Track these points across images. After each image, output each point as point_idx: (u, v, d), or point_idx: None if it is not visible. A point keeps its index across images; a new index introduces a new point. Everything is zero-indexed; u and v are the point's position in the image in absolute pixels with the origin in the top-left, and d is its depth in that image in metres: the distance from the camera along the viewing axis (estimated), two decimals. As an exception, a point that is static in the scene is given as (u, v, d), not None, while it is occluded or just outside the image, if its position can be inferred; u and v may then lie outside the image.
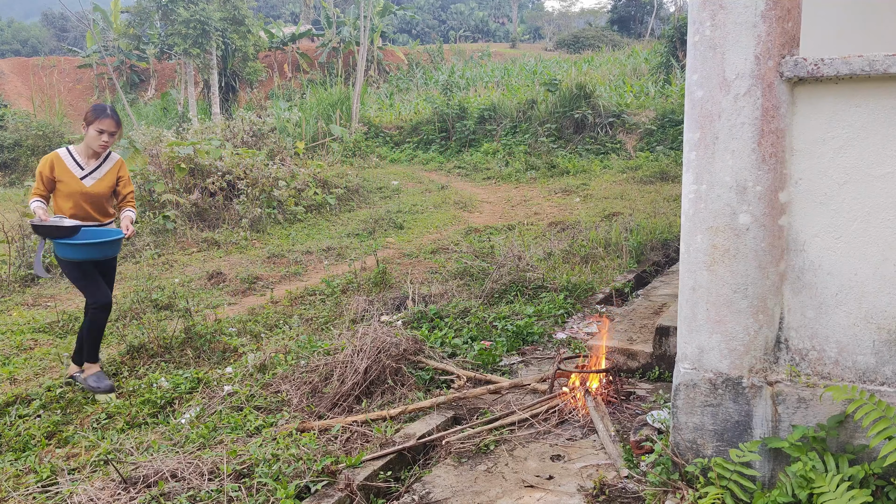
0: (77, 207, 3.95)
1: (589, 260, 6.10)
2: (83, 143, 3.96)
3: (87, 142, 3.93)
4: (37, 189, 3.90)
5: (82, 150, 3.96)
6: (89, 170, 3.98)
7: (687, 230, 2.35)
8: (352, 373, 3.55)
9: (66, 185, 3.90)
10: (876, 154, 2.10)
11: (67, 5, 20.15)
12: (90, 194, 3.97)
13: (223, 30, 20.06)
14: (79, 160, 3.96)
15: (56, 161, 3.92)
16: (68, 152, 3.98)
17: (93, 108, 3.94)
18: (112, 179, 4.05)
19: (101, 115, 3.88)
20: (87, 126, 3.89)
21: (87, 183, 3.95)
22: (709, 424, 2.39)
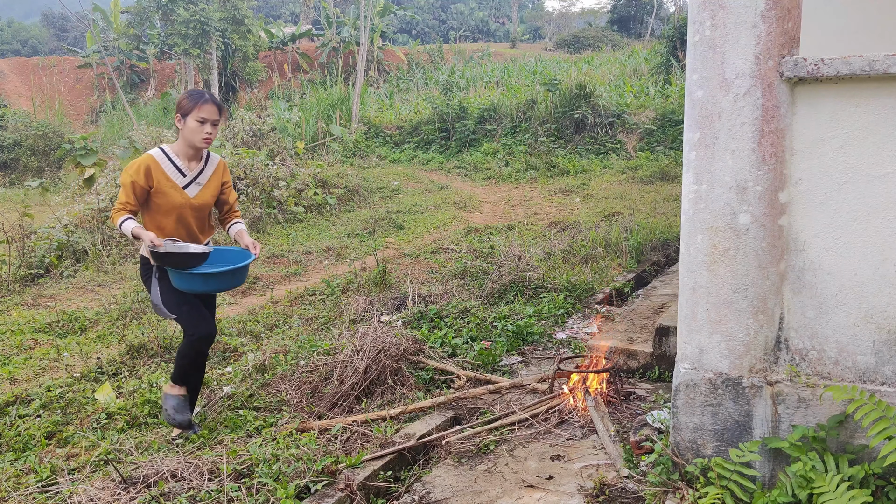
0: (180, 226, 3.15)
1: (589, 260, 6.10)
2: (179, 142, 3.13)
3: (185, 138, 3.09)
4: (124, 203, 3.03)
5: (180, 149, 3.14)
6: (192, 176, 3.15)
7: (687, 230, 2.35)
8: (352, 373, 3.55)
9: (167, 198, 3.08)
10: (876, 154, 2.10)
11: (67, 5, 20.15)
12: (196, 207, 3.16)
13: (223, 30, 20.06)
14: (179, 163, 3.12)
15: (153, 166, 3.05)
16: (164, 154, 3.13)
17: (188, 94, 3.12)
18: (216, 186, 3.25)
19: (200, 100, 3.05)
20: (184, 117, 3.07)
21: (190, 193, 3.13)
22: (709, 424, 2.39)
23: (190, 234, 3.20)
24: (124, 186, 3.05)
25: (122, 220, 3.00)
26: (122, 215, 3.02)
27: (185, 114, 3.07)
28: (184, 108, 3.07)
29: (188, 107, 3.06)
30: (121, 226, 3.00)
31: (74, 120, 24.05)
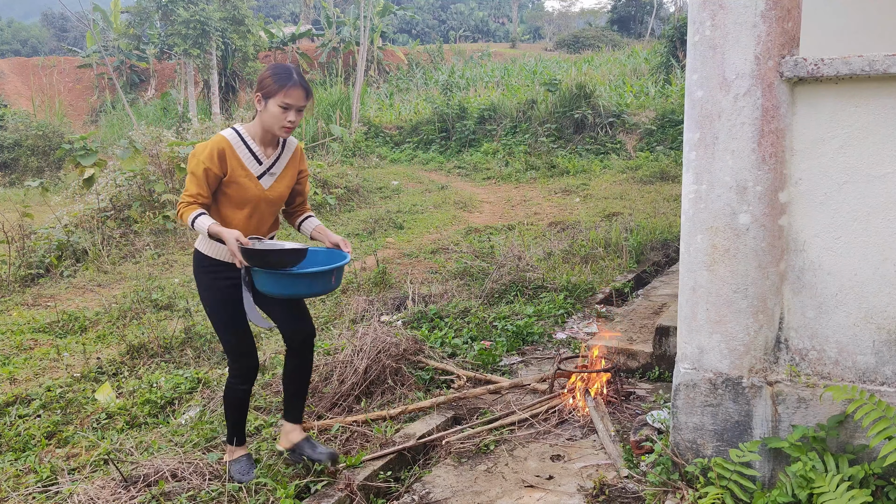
0: (250, 223, 2.70)
1: (589, 260, 6.10)
2: (256, 123, 2.64)
3: (264, 122, 2.60)
4: (194, 195, 2.56)
5: (256, 132, 2.66)
6: (268, 164, 2.69)
7: (687, 230, 2.35)
8: (352, 373, 3.55)
9: (240, 190, 2.63)
10: (876, 154, 2.10)
11: (67, 5, 20.15)
12: (270, 201, 2.72)
13: (223, 30, 20.06)
14: (255, 149, 2.66)
15: (228, 150, 2.59)
16: (239, 136, 2.64)
17: (273, 72, 2.58)
18: (293, 176, 2.79)
19: (287, 83, 2.55)
20: (265, 99, 2.57)
21: (265, 184, 2.68)
22: (709, 424, 2.39)
23: (259, 232, 2.77)
24: (194, 175, 2.57)
25: (195, 217, 2.53)
26: (194, 210, 2.54)
27: (267, 95, 2.57)
28: (266, 89, 2.57)
29: (272, 88, 2.56)
30: (193, 223, 2.53)
31: (74, 120, 24.05)
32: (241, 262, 2.48)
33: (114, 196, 8.92)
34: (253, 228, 2.72)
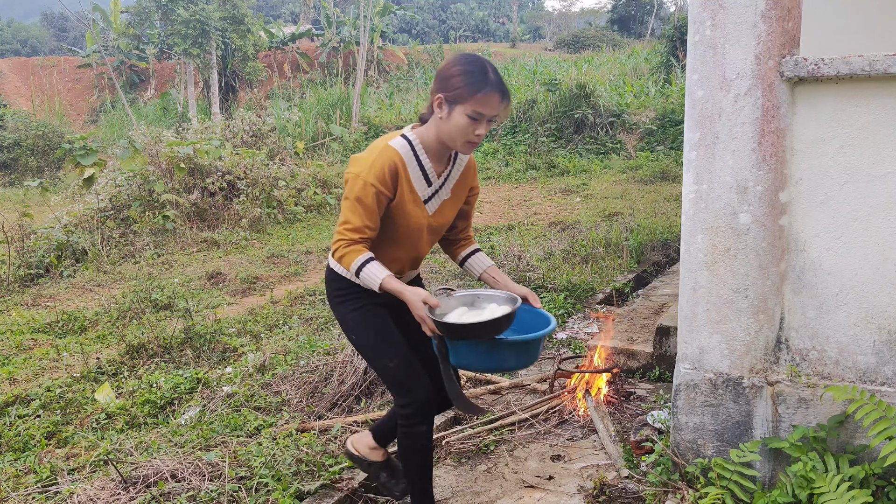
0: (409, 257, 2.21)
1: (589, 260, 6.10)
2: (431, 133, 2.07)
3: (443, 133, 2.03)
4: (359, 227, 2.01)
5: (430, 144, 2.09)
6: (438, 184, 2.15)
7: (687, 230, 2.35)
8: (352, 373, 3.55)
9: (405, 217, 2.10)
10: (877, 154, 2.10)
11: (67, 5, 20.14)
12: (434, 229, 2.19)
13: (223, 29, 20.06)
14: (426, 165, 2.10)
15: (401, 167, 2.04)
16: (412, 149, 2.08)
17: (463, 68, 1.98)
18: (462, 196, 2.25)
19: (483, 85, 1.95)
20: (451, 105, 1.97)
21: (430, 208, 2.14)
22: (709, 424, 2.38)
23: (413, 267, 2.26)
24: (360, 201, 1.99)
25: (363, 263, 1.98)
26: (360, 253, 1.99)
27: (453, 100, 1.96)
28: (453, 92, 1.96)
29: (461, 92, 1.95)
30: (359, 271, 1.99)
31: (74, 120, 24.05)
32: (434, 332, 1.96)
33: (113, 196, 8.92)
34: (408, 267, 2.22)
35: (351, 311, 2.18)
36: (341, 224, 2.03)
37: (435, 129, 2.06)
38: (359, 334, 2.19)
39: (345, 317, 2.20)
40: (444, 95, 1.99)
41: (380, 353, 2.16)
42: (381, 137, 2.14)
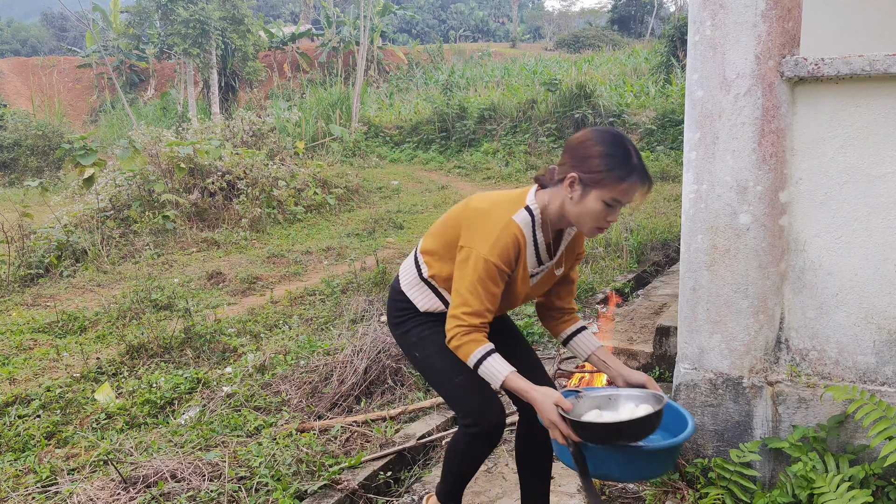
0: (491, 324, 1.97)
1: (589, 260, 6.09)
2: (554, 208, 1.89)
3: (569, 213, 1.86)
4: (481, 310, 1.84)
5: (549, 218, 1.91)
6: (549, 262, 2.01)
7: (687, 230, 2.35)
8: (352, 373, 3.55)
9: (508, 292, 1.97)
10: (877, 154, 2.10)
11: (67, 5, 20.14)
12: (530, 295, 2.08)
13: (223, 29, 20.06)
14: (540, 241, 1.93)
15: (522, 245, 1.88)
16: (533, 225, 1.90)
17: (605, 149, 1.79)
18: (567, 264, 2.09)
19: (628, 173, 1.78)
20: (585, 187, 1.80)
21: (533, 281, 2.02)
22: (709, 424, 2.38)
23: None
24: (482, 280, 1.82)
25: (483, 356, 1.83)
26: (480, 344, 1.84)
27: (590, 183, 1.79)
28: (591, 174, 1.79)
29: (602, 178, 1.78)
30: (479, 365, 1.83)
31: (74, 120, 24.05)
32: (568, 437, 1.74)
33: (113, 196, 8.92)
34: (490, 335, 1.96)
35: (416, 327, 2.07)
36: (458, 306, 1.85)
37: (560, 206, 1.88)
38: (425, 351, 2.05)
39: (409, 333, 2.08)
40: (580, 176, 1.81)
41: (450, 373, 2.00)
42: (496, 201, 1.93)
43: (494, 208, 1.92)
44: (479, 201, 1.98)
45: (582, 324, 2.15)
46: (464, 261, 1.87)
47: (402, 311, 2.11)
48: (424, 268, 2.06)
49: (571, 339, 2.14)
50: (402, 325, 2.11)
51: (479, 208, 1.94)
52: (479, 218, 1.90)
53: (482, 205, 1.95)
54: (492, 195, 2.01)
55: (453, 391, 2.01)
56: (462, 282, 1.86)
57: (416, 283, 2.08)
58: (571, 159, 1.84)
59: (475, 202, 1.98)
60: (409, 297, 2.09)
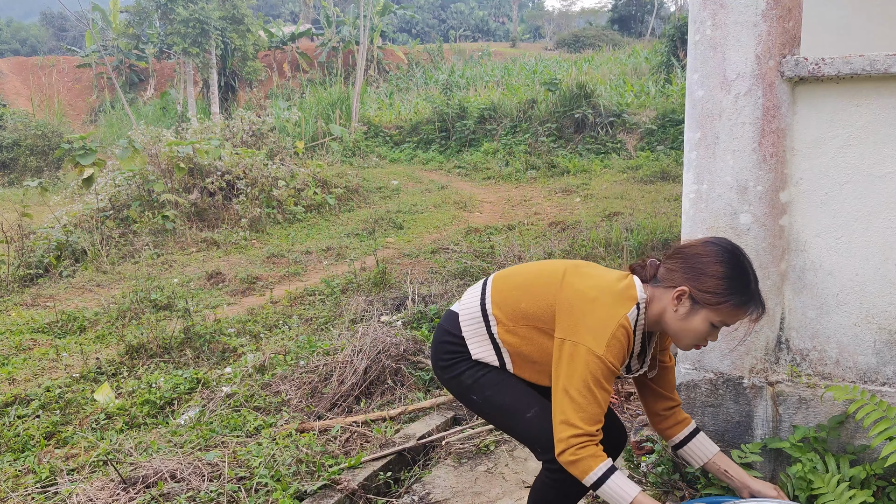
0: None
1: (589, 260, 6.09)
2: (654, 314, 1.77)
3: (670, 326, 1.76)
4: (598, 415, 1.69)
5: (651, 320, 1.79)
6: (638, 367, 1.91)
7: (687, 230, 2.35)
8: (351, 373, 3.54)
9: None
10: (877, 154, 2.10)
11: (66, 5, 20.14)
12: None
13: (222, 29, 20.05)
14: (637, 340, 1.81)
15: (631, 345, 1.75)
16: (635, 324, 1.75)
17: (726, 270, 1.70)
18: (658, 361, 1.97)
19: (748, 301, 1.71)
20: (697, 305, 1.70)
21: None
22: (709, 425, 2.38)
23: None
24: (598, 382, 1.67)
25: (606, 473, 1.66)
26: (600, 460, 1.66)
27: (702, 302, 1.70)
28: (707, 294, 1.69)
29: (718, 300, 1.69)
30: (600, 483, 1.65)
31: (73, 120, 24.04)
32: None
33: (113, 196, 8.92)
34: None
35: (468, 370, 1.91)
36: (571, 412, 1.65)
37: (660, 312, 1.76)
38: (483, 392, 1.89)
39: (461, 376, 1.91)
40: (692, 293, 1.69)
41: (518, 407, 1.85)
42: (618, 286, 1.77)
43: (604, 297, 1.73)
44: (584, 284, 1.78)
45: (694, 426, 1.98)
46: (569, 357, 1.68)
47: (453, 355, 1.94)
48: (495, 328, 1.88)
49: (685, 443, 1.97)
50: (452, 367, 1.93)
51: (586, 294, 1.75)
52: (588, 307, 1.72)
53: (589, 291, 1.75)
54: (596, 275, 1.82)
55: (528, 427, 1.84)
56: (571, 381, 1.66)
57: (480, 336, 1.90)
58: (684, 270, 1.72)
59: (577, 283, 1.78)
60: (468, 344, 1.92)
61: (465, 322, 1.93)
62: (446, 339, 1.96)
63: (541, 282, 1.85)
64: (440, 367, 1.98)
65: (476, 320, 1.92)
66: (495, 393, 1.87)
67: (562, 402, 1.68)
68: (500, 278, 1.95)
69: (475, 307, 1.94)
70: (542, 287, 1.83)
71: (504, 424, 1.93)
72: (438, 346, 1.99)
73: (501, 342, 1.87)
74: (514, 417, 1.86)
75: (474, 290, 1.98)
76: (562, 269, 1.85)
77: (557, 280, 1.81)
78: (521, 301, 1.84)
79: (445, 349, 1.96)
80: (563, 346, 1.71)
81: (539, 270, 1.91)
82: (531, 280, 1.88)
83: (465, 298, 1.99)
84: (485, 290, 1.95)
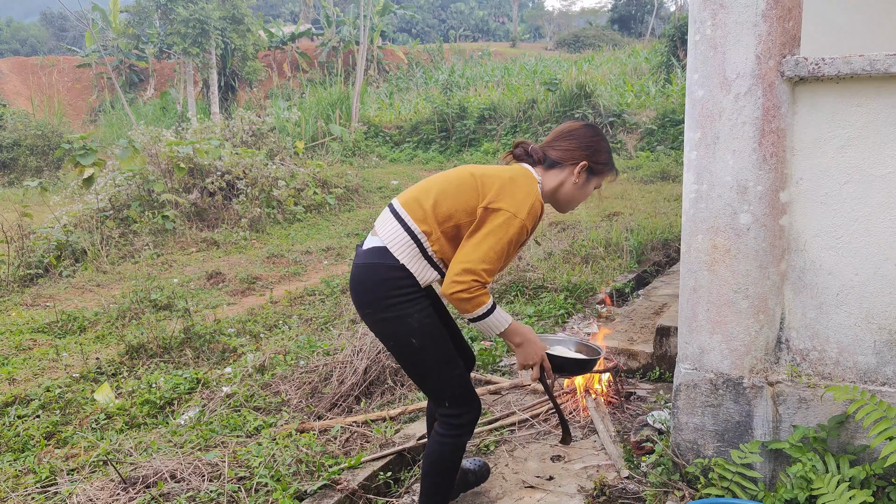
0: None
1: (589, 260, 6.09)
2: (551, 186, 2.16)
3: (564, 193, 2.17)
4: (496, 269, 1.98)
5: (546, 193, 2.18)
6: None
7: (687, 230, 2.35)
8: (351, 373, 3.55)
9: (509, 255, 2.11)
10: (877, 154, 2.10)
11: (66, 5, 20.14)
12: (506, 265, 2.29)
13: (222, 29, 20.05)
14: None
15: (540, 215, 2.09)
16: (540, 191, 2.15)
17: (606, 145, 2.20)
18: None
19: (613, 165, 2.25)
20: (590, 174, 2.16)
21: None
22: (709, 425, 2.38)
23: None
24: (511, 242, 1.94)
25: (492, 307, 1.96)
26: (489, 297, 1.95)
27: (594, 171, 2.16)
28: (600, 164, 2.16)
29: (605, 168, 2.18)
30: (486, 315, 1.95)
31: (73, 119, 24.04)
32: (550, 378, 2.15)
33: (113, 196, 8.92)
34: None
35: (417, 314, 2.00)
36: (479, 262, 1.89)
37: (556, 187, 2.14)
38: (423, 340, 2.01)
39: (409, 318, 2.00)
40: (590, 162, 2.13)
41: (446, 362, 2.05)
42: (522, 171, 2.09)
43: (519, 178, 2.05)
44: (497, 171, 2.06)
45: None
46: (496, 221, 1.94)
47: (401, 290, 1.99)
48: (426, 243, 2.01)
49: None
50: (400, 306, 1.99)
51: (502, 176, 2.03)
52: (509, 185, 2.01)
53: (504, 173, 2.05)
54: (499, 167, 2.10)
55: (448, 383, 2.07)
56: (487, 239, 1.92)
57: (416, 258, 2.00)
58: (583, 150, 2.13)
59: (490, 171, 2.06)
60: (412, 272, 2.00)
61: (398, 250, 2.01)
62: (392, 274, 1.99)
63: (454, 185, 2.05)
64: (384, 306, 2.00)
65: (407, 244, 2.01)
66: (435, 344, 2.03)
67: (469, 253, 1.92)
68: (408, 200, 2.09)
69: (400, 232, 2.03)
70: (459, 187, 2.04)
71: (424, 373, 2.08)
72: (384, 283, 2.00)
73: (434, 254, 2.01)
74: (442, 371, 2.06)
75: (387, 221, 2.08)
76: (466, 171, 2.10)
77: (469, 176, 2.06)
78: (442, 206, 2.01)
79: (394, 284, 1.99)
80: (485, 213, 1.96)
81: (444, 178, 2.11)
82: (444, 187, 2.06)
83: (382, 230, 2.06)
84: (398, 214, 2.06)
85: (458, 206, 2.00)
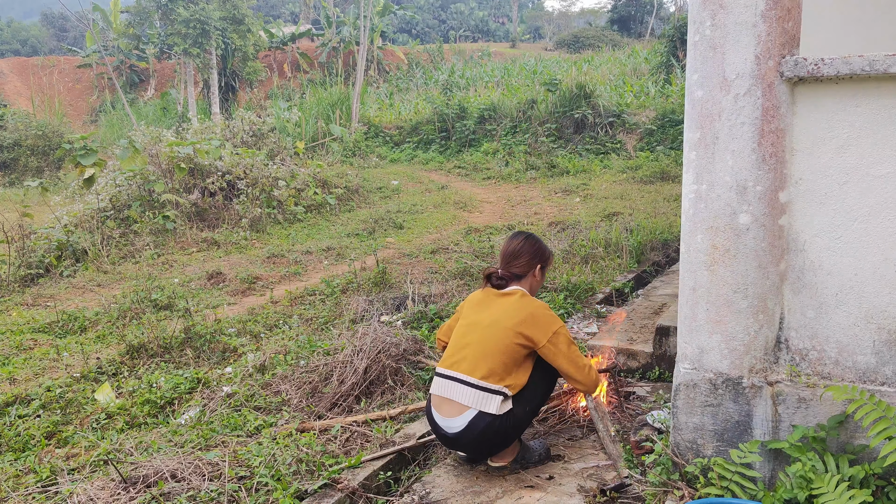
0: None
1: (589, 260, 6.09)
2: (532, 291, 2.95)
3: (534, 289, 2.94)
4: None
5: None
6: None
7: (687, 230, 2.35)
8: (351, 373, 3.55)
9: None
10: (876, 154, 2.10)
11: (67, 5, 20.15)
12: None
13: (223, 29, 20.06)
14: None
15: None
16: None
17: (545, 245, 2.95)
18: None
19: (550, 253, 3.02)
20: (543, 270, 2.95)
21: None
22: (709, 424, 2.38)
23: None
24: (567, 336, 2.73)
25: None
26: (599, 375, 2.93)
27: (545, 265, 2.92)
28: (546, 260, 2.92)
29: (549, 260, 2.95)
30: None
31: (74, 120, 24.06)
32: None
33: (113, 196, 8.93)
34: None
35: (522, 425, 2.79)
36: (582, 358, 2.75)
37: (529, 289, 2.88)
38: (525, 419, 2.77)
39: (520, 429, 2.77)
40: (542, 264, 2.89)
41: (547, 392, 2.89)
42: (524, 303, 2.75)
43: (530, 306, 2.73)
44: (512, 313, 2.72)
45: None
46: (559, 341, 2.68)
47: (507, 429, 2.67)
48: (505, 389, 2.64)
49: None
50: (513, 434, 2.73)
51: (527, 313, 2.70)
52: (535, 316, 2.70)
53: (522, 312, 2.71)
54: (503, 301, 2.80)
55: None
56: (571, 350, 2.71)
57: (504, 402, 2.63)
58: (537, 257, 2.86)
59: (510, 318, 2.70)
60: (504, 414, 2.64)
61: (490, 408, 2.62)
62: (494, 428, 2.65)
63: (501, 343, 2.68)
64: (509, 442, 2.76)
65: (492, 401, 2.63)
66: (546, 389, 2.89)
67: (578, 360, 2.73)
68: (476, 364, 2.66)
69: (475, 395, 2.64)
70: (506, 342, 2.68)
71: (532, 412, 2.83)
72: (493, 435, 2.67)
73: (508, 389, 2.65)
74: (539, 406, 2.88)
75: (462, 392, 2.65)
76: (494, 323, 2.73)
77: (504, 331, 2.68)
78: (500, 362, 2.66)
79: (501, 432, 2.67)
80: (553, 339, 2.69)
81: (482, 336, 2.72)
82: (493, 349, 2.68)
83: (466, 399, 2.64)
84: (467, 382, 2.65)
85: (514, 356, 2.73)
